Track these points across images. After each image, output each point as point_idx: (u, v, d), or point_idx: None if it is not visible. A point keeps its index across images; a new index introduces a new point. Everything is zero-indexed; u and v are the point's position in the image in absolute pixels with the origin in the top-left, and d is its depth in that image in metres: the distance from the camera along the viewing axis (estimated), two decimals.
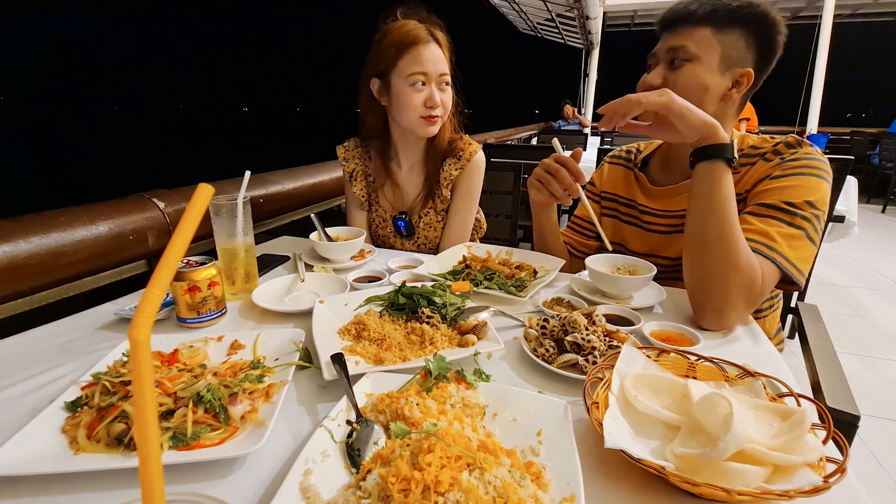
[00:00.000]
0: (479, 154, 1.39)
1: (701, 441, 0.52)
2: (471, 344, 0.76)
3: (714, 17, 0.98)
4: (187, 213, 0.32)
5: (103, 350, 0.75)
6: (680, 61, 1.00)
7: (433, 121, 1.27)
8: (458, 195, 1.38)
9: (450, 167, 1.35)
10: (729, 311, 0.85)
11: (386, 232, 1.47)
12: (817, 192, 0.92)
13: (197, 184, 0.34)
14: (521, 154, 3.22)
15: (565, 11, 7.46)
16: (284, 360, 0.71)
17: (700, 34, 0.99)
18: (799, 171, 0.94)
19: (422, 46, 1.21)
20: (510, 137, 5.68)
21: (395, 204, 1.44)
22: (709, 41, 0.98)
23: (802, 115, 6.48)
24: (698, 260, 0.89)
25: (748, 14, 0.97)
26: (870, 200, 6.54)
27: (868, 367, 2.42)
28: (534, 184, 1.09)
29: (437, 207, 1.40)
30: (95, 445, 0.53)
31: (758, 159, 1.01)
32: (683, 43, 0.99)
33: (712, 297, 0.86)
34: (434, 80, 1.23)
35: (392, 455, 0.48)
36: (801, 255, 0.89)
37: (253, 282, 1.01)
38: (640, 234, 1.20)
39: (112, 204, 1.16)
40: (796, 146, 0.99)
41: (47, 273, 0.99)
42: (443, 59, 1.24)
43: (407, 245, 1.47)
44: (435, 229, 1.42)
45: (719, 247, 0.85)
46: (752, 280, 0.84)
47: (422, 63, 1.21)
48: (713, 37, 0.98)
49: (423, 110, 1.24)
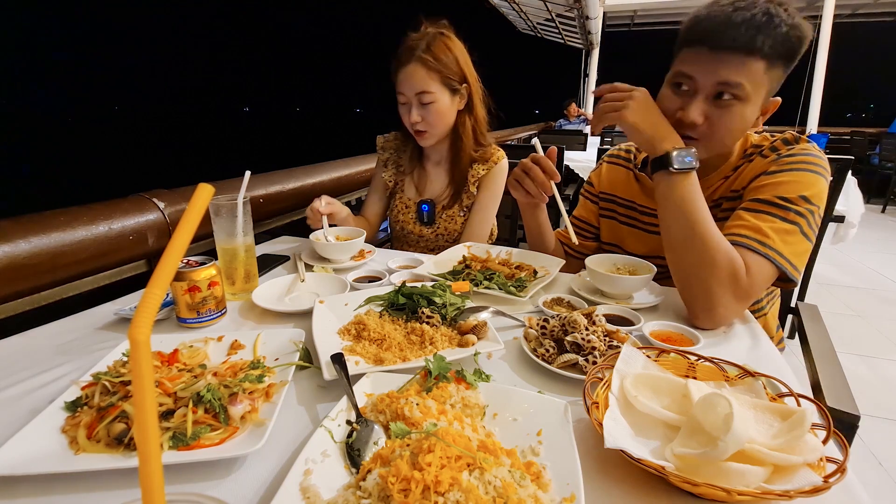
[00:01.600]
0: (504, 160, 1.50)
1: (701, 441, 0.51)
2: (471, 344, 0.76)
3: (768, 49, 0.86)
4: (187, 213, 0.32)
5: (103, 350, 0.75)
6: (730, 97, 0.89)
7: (420, 136, 1.40)
8: (484, 193, 1.48)
9: (477, 167, 1.46)
10: (716, 307, 0.86)
11: (407, 217, 1.54)
12: (813, 188, 0.91)
13: (197, 184, 0.34)
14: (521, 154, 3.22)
15: (565, 11, 7.46)
16: (284, 360, 0.71)
17: (755, 69, 0.87)
18: (795, 166, 0.94)
19: (402, 69, 1.33)
20: (510, 137, 5.68)
21: (420, 192, 1.54)
22: (760, 78, 0.88)
23: (802, 115, 6.48)
24: (676, 263, 0.92)
25: (795, 43, 0.87)
26: (870, 200, 6.53)
27: (868, 367, 2.42)
28: (511, 183, 1.12)
29: (462, 203, 1.49)
30: (95, 445, 0.53)
31: (755, 156, 1.01)
32: (740, 80, 0.87)
33: (697, 297, 0.87)
34: (412, 98, 1.34)
35: (392, 455, 0.48)
36: (795, 251, 0.89)
37: (253, 282, 1.01)
38: (639, 236, 1.19)
39: (112, 204, 1.16)
40: (793, 142, 0.99)
41: (47, 273, 0.99)
42: (421, 77, 1.31)
43: (425, 233, 1.52)
44: (455, 222, 1.49)
45: (691, 246, 0.87)
46: (733, 273, 0.84)
47: (400, 84, 1.35)
48: (764, 73, 0.88)
49: (409, 125, 1.39)
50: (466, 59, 1.38)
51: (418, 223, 1.52)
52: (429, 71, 1.31)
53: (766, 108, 0.96)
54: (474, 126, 1.44)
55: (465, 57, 1.38)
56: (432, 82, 1.32)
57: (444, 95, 1.35)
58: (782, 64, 0.90)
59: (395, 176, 1.55)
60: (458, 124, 1.42)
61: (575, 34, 8.84)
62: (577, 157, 4.27)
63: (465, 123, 1.42)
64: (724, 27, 0.87)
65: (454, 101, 1.38)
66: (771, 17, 0.85)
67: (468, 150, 1.44)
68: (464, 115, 1.42)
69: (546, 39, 9.86)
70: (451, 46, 1.34)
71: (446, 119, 1.38)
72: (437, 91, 1.33)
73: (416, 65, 1.31)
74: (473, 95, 1.41)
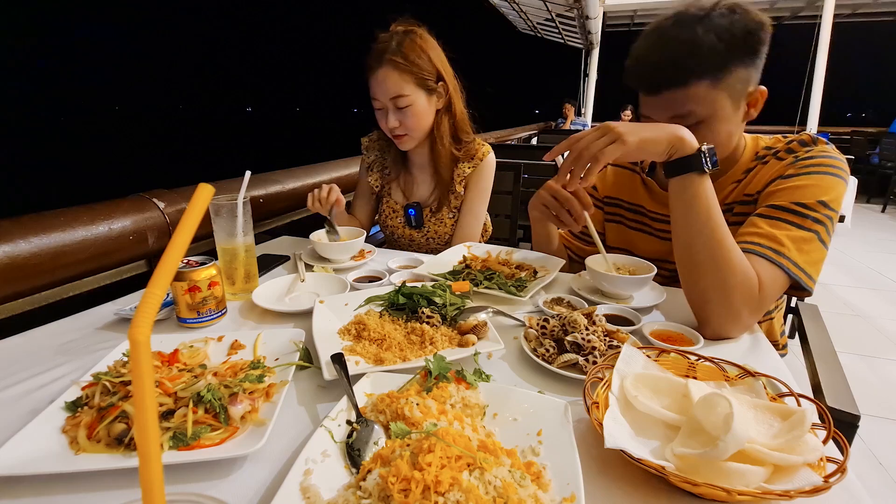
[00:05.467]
0: (491, 155, 1.45)
1: (701, 441, 0.52)
2: (471, 344, 0.76)
3: (701, 70, 0.86)
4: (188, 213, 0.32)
5: (103, 350, 0.75)
6: (692, 121, 0.89)
7: (399, 140, 1.35)
8: (472, 192, 1.43)
9: (463, 166, 1.41)
10: (735, 324, 0.82)
11: (395, 222, 1.50)
12: (831, 192, 0.87)
13: (197, 184, 0.34)
14: (521, 154, 3.22)
15: (565, 11, 7.46)
16: (284, 360, 0.71)
17: (697, 93, 0.87)
18: (813, 169, 0.89)
19: (372, 74, 1.28)
20: (510, 137, 5.68)
21: (408, 195, 1.50)
22: (711, 94, 0.88)
23: (802, 114, 6.47)
24: (693, 281, 0.86)
25: (739, 39, 0.86)
26: (870, 200, 6.54)
27: (868, 367, 2.42)
28: (540, 208, 1.03)
29: (450, 204, 1.45)
30: (95, 445, 0.53)
31: (770, 158, 0.97)
32: (688, 109, 0.89)
33: (715, 314, 0.82)
34: (387, 103, 1.29)
35: (392, 455, 0.48)
36: (811, 259, 0.85)
37: (253, 282, 1.01)
38: (650, 241, 1.15)
39: (112, 204, 1.16)
40: (811, 144, 0.94)
41: (47, 273, 0.99)
42: (394, 80, 1.25)
43: (415, 236, 1.49)
44: (445, 224, 1.46)
45: (711, 265, 0.81)
46: (750, 290, 0.81)
47: (373, 90, 1.29)
48: (713, 88, 0.87)
49: (387, 129, 1.33)
50: (441, 56, 1.32)
51: (407, 227, 1.49)
52: (401, 73, 1.24)
53: (751, 101, 0.93)
54: (454, 124, 1.38)
55: (439, 53, 1.31)
56: (406, 84, 1.26)
57: (420, 97, 1.29)
58: (735, 64, 0.87)
59: (381, 179, 1.51)
60: (436, 124, 1.36)
61: (575, 34, 8.84)
62: None
63: (441, 123, 1.36)
64: (648, 73, 0.92)
65: (431, 101, 1.32)
66: (693, 41, 0.85)
67: (448, 150, 1.39)
68: (441, 114, 1.36)
69: (546, 39, 9.86)
70: (422, 45, 1.27)
71: (425, 121, 1.33)
72: (412, 93, 1.27)
73: (387, 68, 1.24)
74: (452, 93, 1.34)
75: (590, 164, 0.84)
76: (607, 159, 0.82)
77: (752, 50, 0.88)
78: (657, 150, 0.84)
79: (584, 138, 0.84)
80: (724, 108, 0.90)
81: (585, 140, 0.84)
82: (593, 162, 0.83)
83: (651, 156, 0.85)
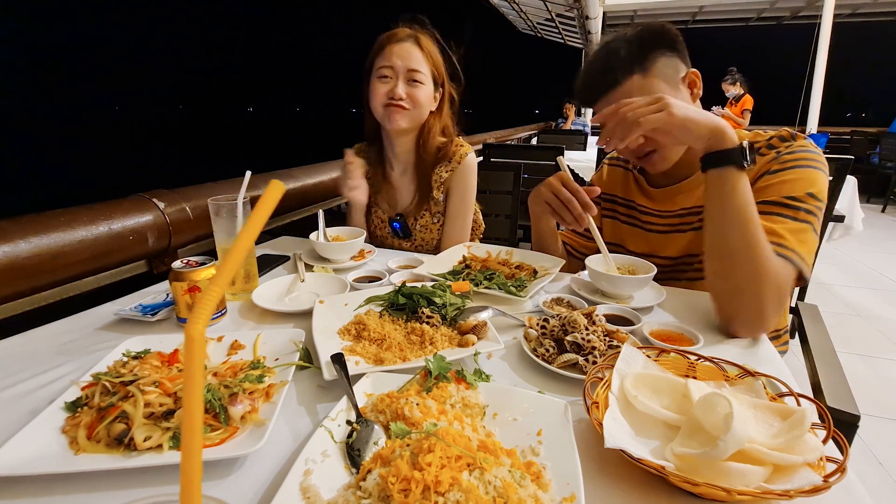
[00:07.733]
0: (471, 156, 1.41)
1: (701, 441, 0.52)
2: (471, 344, 0.76)
3: (628, 65, 1.00)
4: (256, 211, 0.31)
5: (103, 350, 0.75)
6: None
7: (396, 110, 1.29)
8: (454, 196, 1.41)
9: (440, 170, 1.39)
10: (764, 319, 0.83)
11: (384, 233, 1.50)
12: (817, 184, 0.92)
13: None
14: (521, 154, 3.22)
15: (565, 11, 7.47)
16: (284, 360, 0.71)
17: (632, 85, 1.00)
18: (796, 163, 0.94)
19: (394, 44, 1.28)
20: (510, 137, 5.68)
21: (392, 205, 1.48)
22: (647, 83, 1.00)
23: (802, 114, 6.47)
24: (725, 272, 0.85)
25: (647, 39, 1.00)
26: (870, 200, 6.53)
27: (868, 367, 2.42)
28: (541, 204, 1.09)
29: (431, 210, 1.43)
30: (95, 446, 0.53)
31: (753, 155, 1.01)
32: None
33: (745, 308, 0.83)
34: (401, 74, 1.28)
35: (392, 455, 0.48)
36: (809, 249, 0.88)
37: (253, 282, 1.01)
38: (639, 235, 1.20)
39: (112, 204, 1.16)
40: (790, 139, 0.99)
41: (47, 273, 0.99)
42: (416, 56, 1.28)
43: (405, 246, 1.49)
44: (431, 231, 1.45)
45: (746, 257, 0.81)
46: (780, 284, 0.82)
47: (389, 58, 1.28)
48: (644, 78, 1.00)
49: (386, 100, 1.29)
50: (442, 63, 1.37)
51: (395, 238, 1.49)
52: (424, 55, 1.30)
53: (690, 83, 1.03)
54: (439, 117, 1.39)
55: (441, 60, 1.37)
56: (425, 65, 1.30)
57: (430, 84, 1.32)
58: (654, 55, 1.00)
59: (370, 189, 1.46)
60: (426, 123, 1.37)
61: (575, 34, 8.85)
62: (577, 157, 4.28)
63: (431, 124, 1.37)
64: (587, 89, 1.08)
65: (433, 96, 1.35)
66: (610, 52, 1.03)
67: (431, 150, 1.38)
68: (434, 115, 1.38)
69: (546, 39, 9.86)
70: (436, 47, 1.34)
71: (426, 107, 1.33)
72: (426, 75, 1.30)
73: (413, 44, 1.29)
74: (444, 100, 1.38)
75: (631, 128, 0.86)
76: (649, 126, 0.83)
77: (666, 43, 1.02)
78: (698, 133, 0.84)
79: (633, 102, 0.86)
80: (664, 92, 0.97)
81: (635, 103, 0.86)
82: (635, 126, 0.84)
83: (689, 137, 0.86)
